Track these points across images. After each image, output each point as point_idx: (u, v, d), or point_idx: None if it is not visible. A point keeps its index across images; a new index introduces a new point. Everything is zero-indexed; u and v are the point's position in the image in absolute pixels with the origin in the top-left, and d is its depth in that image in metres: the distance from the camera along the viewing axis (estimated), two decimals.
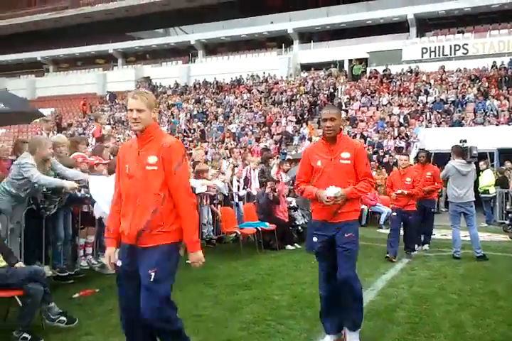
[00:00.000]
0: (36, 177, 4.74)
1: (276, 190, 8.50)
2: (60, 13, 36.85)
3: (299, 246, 8.39)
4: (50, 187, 5.02)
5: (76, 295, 5.10)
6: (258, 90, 26.32)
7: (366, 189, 3.79)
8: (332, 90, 23.54)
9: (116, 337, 3.99)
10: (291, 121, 21.47)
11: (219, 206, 8.35)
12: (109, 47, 35.69)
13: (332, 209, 3.67)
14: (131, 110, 2.91)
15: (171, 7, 33.60)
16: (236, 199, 8.93)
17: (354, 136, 18.59)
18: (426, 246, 8.54)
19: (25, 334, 3.68)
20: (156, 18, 35.11)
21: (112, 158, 6.36)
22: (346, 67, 27.08)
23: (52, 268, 5.38)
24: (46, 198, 5.19)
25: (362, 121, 19.90)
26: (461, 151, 7.56)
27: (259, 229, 7.92)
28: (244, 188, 9.34)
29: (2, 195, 4.83)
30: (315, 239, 3.86)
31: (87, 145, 6.82)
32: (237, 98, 26.21)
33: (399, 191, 7.33)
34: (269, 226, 8.03)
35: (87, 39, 35.74)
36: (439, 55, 24.24)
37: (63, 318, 4.02)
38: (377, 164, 15.75)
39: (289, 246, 8.34)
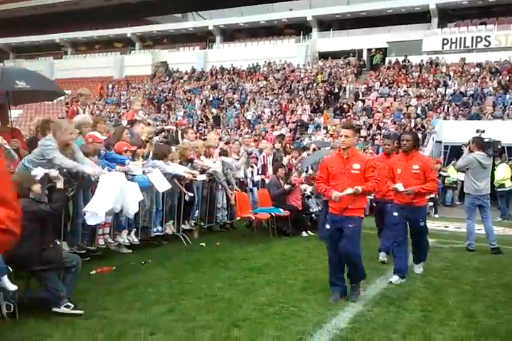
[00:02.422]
0: (59, 159, 4.81)
1: (291, 180, 8.51)
2: None
3: (312, 234, 8.43)
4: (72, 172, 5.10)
5: (93, 272, 5.21)
6: (274, 78, 26.17)
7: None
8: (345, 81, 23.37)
9: (132, 312, 4.10)
10: (307, 110, 21.35)
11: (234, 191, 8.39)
12: (127, 31, 35.64)
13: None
14: None
15: None
16: (250, 185, 8.98)
17: (370, 126, 18.47)
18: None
19: (68, 303, 3.81)
20: (174, 2, 34.94)
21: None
22: (365, 57, 26.78)
23: (70, 245, 5.48)
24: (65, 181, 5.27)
25: (378, 111, 19.72)
26: (484, 144, 7.44)
27: (273, 215, 7.97)
28: (258, 174, 9.38)
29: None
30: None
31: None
32: (253, 85, 26.11)
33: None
34: (283, 212, 8.07)
35: (105, 22, 35.73)
36: (460, 47, 23.84)
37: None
38: None
39: (302, 233, 8.38)
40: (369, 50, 26.44)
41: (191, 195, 7.19)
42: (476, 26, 25.00)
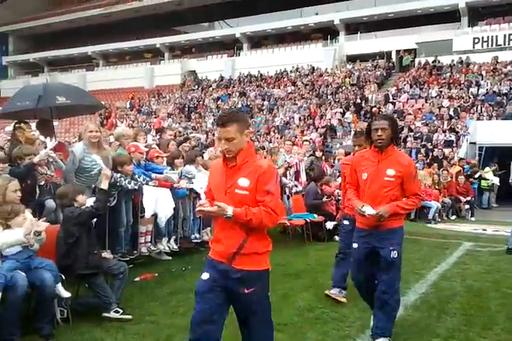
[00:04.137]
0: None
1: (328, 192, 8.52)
2: (109, 8, 37.85)
3: None
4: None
5: (137, 278, 5.39)
6: (302, 83, 26.23)
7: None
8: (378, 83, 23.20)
9: (177, 317, 4.23)
10: (337, 113, 21.30)
11: None
12: (156, 41, 36.38)
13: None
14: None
15: (217, 0, 33.89)
16: (287, 192, 9.01)
17: (401, 129, 18.29)
18: None
19: (117, 308, 3.99)
20: (201, 12, 35.52)
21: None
22: (394, 58, 26.56)
23: (114, 253, 5.68)
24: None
25: (409, 113, 19.51)
26: None
27: (308, 221, 8.02)
28: (291, 180, 9.44)
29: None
30: (355, 245, 3.85)
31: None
32: (281, 91, 26.23)
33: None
34: (317, 218, 8.11)
35: (135, 34, 36.60)
36: (491, 45, 23.35)
37: None
38: (423, 158, 15.48)
39: (336, 238, 8.39)
40: (398, 51, 26.22)
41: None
42: (508, 23, 24.45)
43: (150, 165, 6.19)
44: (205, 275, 2.72)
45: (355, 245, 3.86)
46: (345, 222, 4.86)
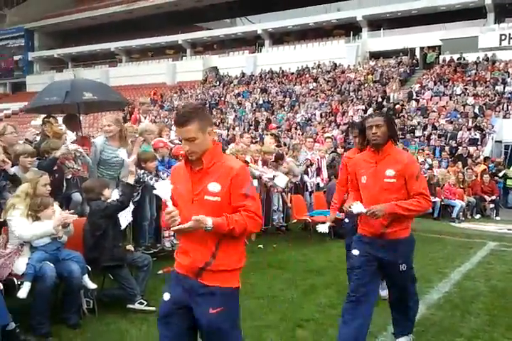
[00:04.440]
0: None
1: None
2: (132, 5, 38.20)
3: None
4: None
5: (160, 271, 5.45)
6: (324, 79, 26.09)
7: (416, 206, 3.23)
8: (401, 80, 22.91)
9: None
10: (359, 111, 21.14)
11: (289, 194, 8.49)
12: (179, 37, 36.61)
13: (378, 228, 3.28)
14: None
15: None
16: (310, 188, 9.00)
17: (425, 127, 18.06)
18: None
19: (141, 300, 4.08)
20: (223, 8, 35.60)
21: None
22: (418, 55, 26.19)
23: (138, 246, 5.76)
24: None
25: (434, 111, 19.24)
26: None
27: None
28: (313, 177, 9.42)
29: None
30: (356, 252, 3.41)
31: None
32: (302, 87, 26.14)
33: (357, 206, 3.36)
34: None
35: (157, 30, 36.87)
36: None
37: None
38: (447, 156, 15.27)
39: None
40: (422, 48, 25.83)
41: None
42: None
43: (173, 162, 6.25)
44: (166, 296, 2.42)
45: (355, 252, 3.40)
46: (346, 220, 4.99)
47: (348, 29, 30.34)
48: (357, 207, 3.25)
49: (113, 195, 4.37)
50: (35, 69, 43.47)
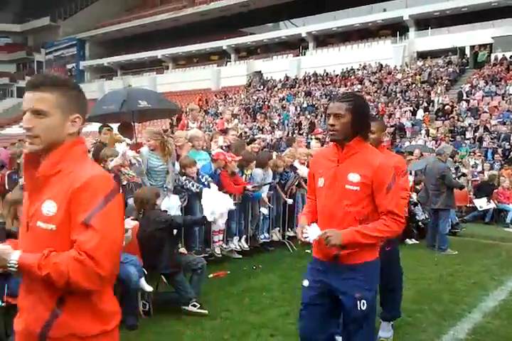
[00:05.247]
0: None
1: None
2: (178, 12, 39.12)
3: (417, 242, 8.24)
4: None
5: (210, 275, 5.58)
6: (370, 81, 25.73)
7: (384, 232, 2.38)
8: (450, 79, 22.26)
9: (251, 314, 4.36)
10: (406, 112, 20.71)
11: None
12: (223, 43, 37.13)
13: (332, 251, 2.45)
14: None
15: (283, 0, 34.01)
16: None
17: (476, 128, 17.48)
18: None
19: (195, 302, 4.23)
20: (267, 12, 35.78)
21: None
22: (468, 54, 25.37)
23: (189, 251, 5.91)
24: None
25: (485, 111, 18.59)
26: None
27: None
28: None
29: None
30: (305, 283, 2.63)
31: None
32: (347, 89, 25.87)
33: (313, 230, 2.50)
34: None
35: (202, 36, 37.56)
36: None
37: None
38: (500, 158, 14.72)
39: (407, 241, 8.22)
40: (472, 47, 25.00)
41: (290, 201, 7.35)
42: None
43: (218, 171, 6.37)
44: None
45: (305, 282, 2.63)
46: None
47: (395, 29, 29.77)
48: (314, 233, 2.40)
49: (163, 203, 4.54)
50: (86, 78, 45.24)
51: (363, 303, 2.43)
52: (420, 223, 8.60)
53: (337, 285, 2.48)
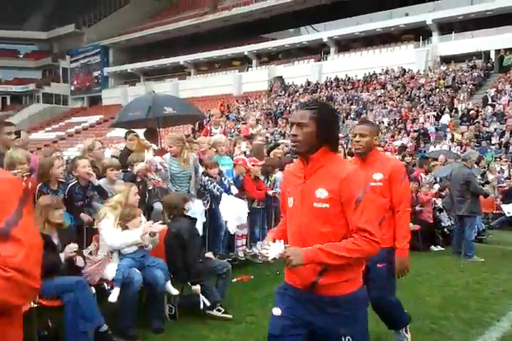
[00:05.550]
0: None
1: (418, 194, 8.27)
2: (200, 19, 39.53)
3: (442, 249, 8.14)
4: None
5: (234, 280, 5.61)
6: (393, 85, 25.54)
7: (353, 251, 2.06)
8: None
9: None
10: (430, 117, 20.48)
11: None
12: (244, 49, 37.32)
13: (308, 275, 2.14)
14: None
15: (305, 6, 34.08)
16: None
17: (502, 133, 17.18)
18: None
19: (220, 307, 4.28)
20: (288, 18, 35.89)
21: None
22: (493, 58, 24.97)
23: (213, 255, 5.96)
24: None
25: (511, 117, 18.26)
26: None
27: None
28: None
29: None
30: (276, 312, 2.27)
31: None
32: (370, 94, 25.74)
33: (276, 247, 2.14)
34: (412, 226, 7.88)
35: (224, 42, 37.86)
36: None
37: None
38: None
39: (432, 247, 8.13)
40: (497, 51, 24.60)
41: None
42: None
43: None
44: None
45: (276, 311, 2.27)
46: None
47: (417, 33, 29.53)
48: (275, 251, 2.09)
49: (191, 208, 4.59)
50: (109, 84, 46.00)
51: (348, 339, 2.11)
52: (446, 229, 8.50)
53: (316, 320, 2.14)
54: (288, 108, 28.39)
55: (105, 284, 3.94)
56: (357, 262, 2.16)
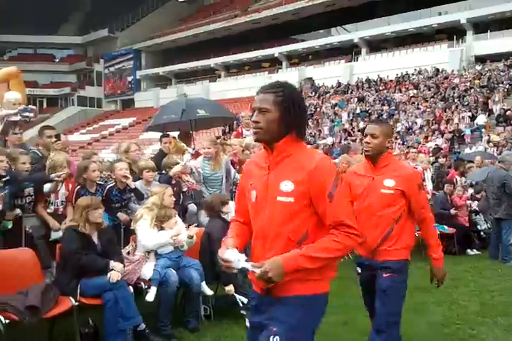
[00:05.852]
0: None
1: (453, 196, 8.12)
2: (230, 21, 39.80)
3: (479, 253, 7.95)
4: None
5: None
6: (426, 86, 25.09)
7: (334, 250, 1.92)
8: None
9: None
10: (465, 118, 20.02)
11: None
12: (275, 50, 37.35)
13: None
14: None
15: (335, 7, 33.88)
16: None
17: None
18: None
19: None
20: (318, 19, 35.77)
21: None
22: None
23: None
24: None
25: None
26: None
27: (438, 233, 7.68)
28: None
29: None
30: (248, 323, 2.25)
31: None
32: (402, 95, 25.35)
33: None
34: (448, 229, 7.75)
35: (254, 44, 38.01)
36: None
37: None
38: None
39: (468, 251, 7.95)
40: None
41: None
42: None
43: None
44: None
45: (248, 322, 2.26)
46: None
47: (451, 33, 28.96)
48: (236, 260, 1.91)
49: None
50: (142, 87, 46.82)
51: (276, 339, 1.95)
52: (482, 233, 8.30)
53: (265, 319, 2.02)
54: (318, 109, 28.27)
55: (142, 284, 4.04)
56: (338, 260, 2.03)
